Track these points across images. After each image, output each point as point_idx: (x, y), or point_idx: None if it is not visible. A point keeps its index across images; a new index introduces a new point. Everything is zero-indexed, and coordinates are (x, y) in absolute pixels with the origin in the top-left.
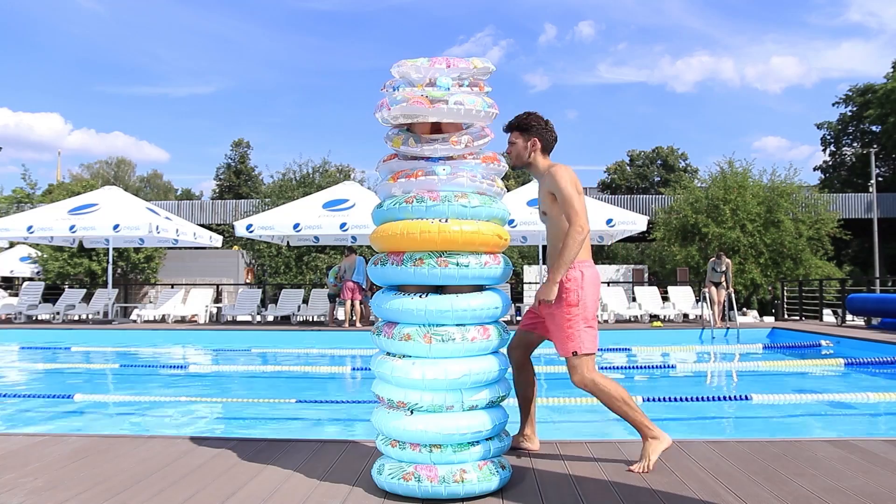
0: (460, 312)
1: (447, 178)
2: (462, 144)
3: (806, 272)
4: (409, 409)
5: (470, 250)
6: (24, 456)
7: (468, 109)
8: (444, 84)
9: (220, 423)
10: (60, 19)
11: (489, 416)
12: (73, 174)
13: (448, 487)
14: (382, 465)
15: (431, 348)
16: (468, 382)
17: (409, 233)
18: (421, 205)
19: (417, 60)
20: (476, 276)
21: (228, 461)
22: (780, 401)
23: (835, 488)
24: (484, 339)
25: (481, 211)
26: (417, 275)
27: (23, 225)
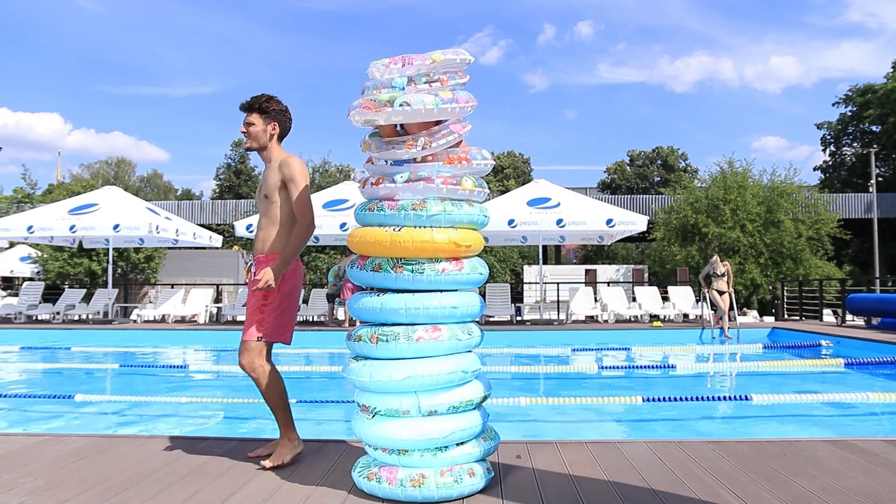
0: (413, 311)
1: (404, 186)
2: (418, 147)
3: (806, 272)
4: (371, 413)
5: (426, 257)
6: (24, 456)
7: (416, 109)
8: (398, 84)
9: (219, 423)
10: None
11: (451, 422)
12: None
13: (405, 491)
14: (358, 462)
15: (377, 348)
16: (414, 385)
17: (366, 240)
18: (380, 213)
19: (382, 60)
20: (432, 281)
21: (228, 461)
22: (780, 401)
23: (835, 488)
24: (431, 340)
25: (438, 218)
26: (377, 279)
27: (23, 225)
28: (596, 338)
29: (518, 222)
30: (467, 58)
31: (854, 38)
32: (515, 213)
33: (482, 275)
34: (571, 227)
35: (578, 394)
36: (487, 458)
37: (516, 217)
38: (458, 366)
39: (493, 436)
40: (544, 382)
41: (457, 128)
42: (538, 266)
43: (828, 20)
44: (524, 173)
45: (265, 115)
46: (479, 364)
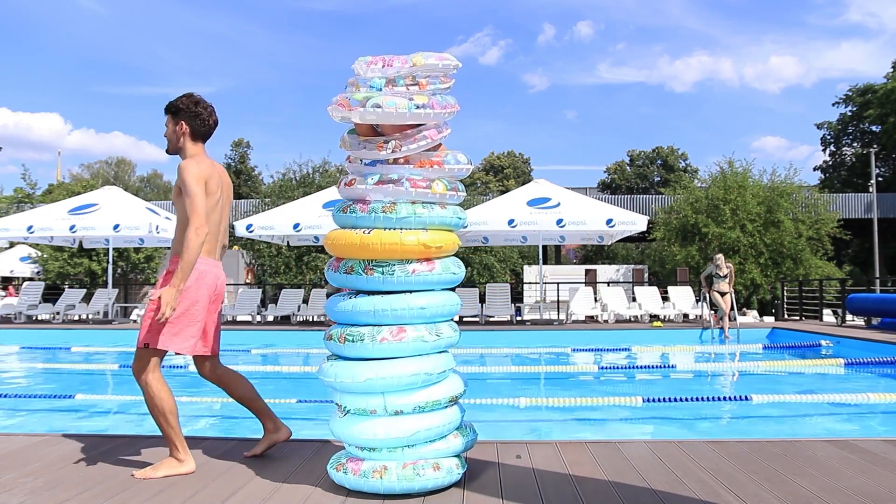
0: (380, 312)
1: (375, 187)
2: (389, 149)
3: (806, 272)
4: (343, 412)
5: (395, 258)
6: (24, 456)
7: (388, 112)
8: (376, 84)
9: (220, 423)
10: (60, 19)
11: (417, 422)
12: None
13: (367, 482)
14: (333, 453)
15: (345, 348)
16: (377, 386)
17: (339, 243)
18: (352, 215)
19: (366, 58)
20: (402, 283)
21: (228, 461)
22: (781, 401)
23: (835, 488)
24: (394, 341)
25: (408, 221)
26: (349, 281)
27: (23, 225)
28: (596, 338)
29: (518, 222)
30: (452, 63)
31: (854, 38)
32: (515, 213)
33: (455, 275)
34: (571, 227)
35: (578, 394)
36: (463, 454)
37: (516, 217)
38: (422, 368)
39: (468, 433)
40: (544, 382)
41: (431, 133)
42: (538, 266)
43: (828, 20)
44: (524, 173)
45: (175, 116)
46: (450, 364)
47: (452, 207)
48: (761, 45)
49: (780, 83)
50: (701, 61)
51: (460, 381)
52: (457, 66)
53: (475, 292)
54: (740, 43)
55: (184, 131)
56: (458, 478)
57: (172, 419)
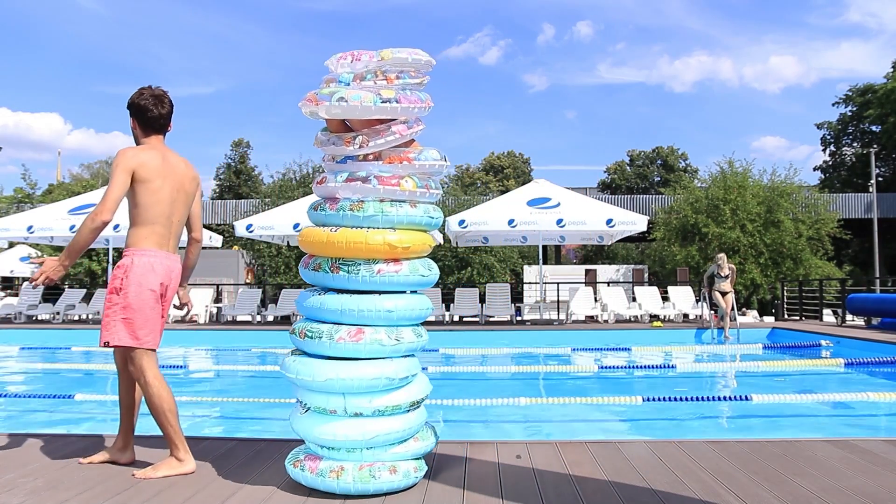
0: (346, 311)
1: (343, 185)
2: (356, 145)
3: (806, 272)
4: (304, 408)
5: (361, 257)
6: (24, 456)
7: (353, 105)
8: (344, 79)
9: (220, 423)
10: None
11: (376, 425)
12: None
13: (324, 481)
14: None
15: (303, 343)
16: (336, 387)
17: (307, 240)
18: (322, 212)
19: (337, 55)
20: (367, 282)
21: (228, 461)
22: (781, 401)
23: (835, 488)
24: (351, 342)
25: (375, 219)
26: (317, 278)
27: (23, 225)
28: (596, 338)
29: (518, 222)
30: (422, 58)
31: (854, 39)
32: (515, 213)
33: (424, 277)
34: (571, 227)
35: (578, 394)
36: (423, 457)
37: (516, 217)
38: (384, 372)
39: (428, 436)
40: (544, 382)
41: (401, 128)
42: (538, 266)
43: (828, 20)
44: (524, 173)
45: (130, 113)
46: (414, 369)
47: (424, 206)
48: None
49: (780, 83)
50: (700, 61)
51: (425, 384)
52: (429, 61)
53: (475, 292)
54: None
55: (133, 126)
56: (416, 481)
57: (172, 418)
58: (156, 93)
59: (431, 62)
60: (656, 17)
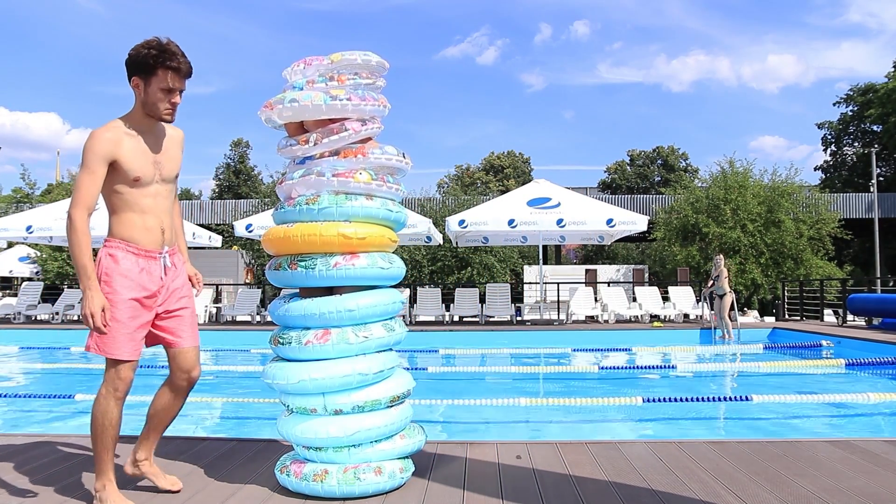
0: (309, 315)
1: (300, 181)
2: (311, 143)
3: (807, 272)
4: (288, 410)
5: (317, 251)
6: (24, 456)
7: (304, 105)
8: (298, 84)
9: (220, 423)
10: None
11: (357, 421)
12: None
13: (308, 485)
14: (280, 457)
15: (278, 350)
16: (310, 387)
17: (267, 239)
18: (282, 210)
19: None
20: (324, 277)
21: (228, 461)
22: (781, 401)
23: (835, 489)
24: (318, 344)
25: (329, 211)
26: (279, 278)
27: (22, 225)
28: (596, 338)
29: (518, 222)
30: (373, 59)
31: (854, 39)
32: (515, 213)
33: (385, 270)
34: (571, 227)
35: (578, 394)
36: (410, 456)
37: (516, 217)
38: (356, 368)
39: (415, 434)
40: (544, 382)
41: (355, 126)
42: (538, 266)
43: (828, 20)
44: (524, 173)
45: None
46: (390, 363)
47: (381, 200)
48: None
49: (779, 82)
50: (698, 60)
51: (406, 380)
52: (381, 63)
53: (475, 292)
54: (740, 43)
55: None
56: (402, 482)
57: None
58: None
59: (384, 64)
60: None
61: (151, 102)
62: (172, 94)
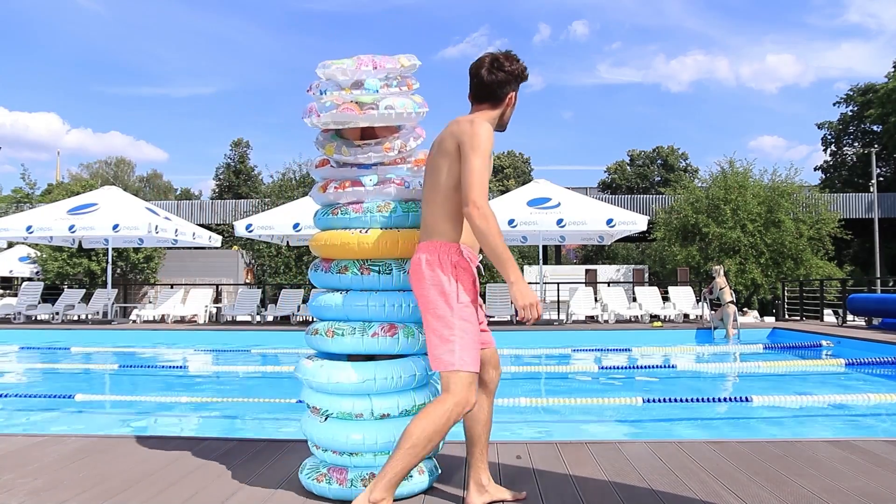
0: (375, 308)
1: (375, 190)
2: (395, 150)
3: (807, 272)
4: (322, 415)
5: (393, 257)
6: (24, 456)
7: (399, 113)
8: (372, 86)
9: (220, 423)
10: (60, 19)
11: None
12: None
13: (355, 491)
14: (304, 464)
15: (332, 342)
16: (372, 388)
17: (332, 243)
18: (345, 216)
19: (343, 62)
20: (399, 282)
21: (228, 461)
22: (781, 401)
23: (835, 489)
24: (387, 337)
25: (404, 219)
26: (343, 281)
27: (22, 225)
28: (596, 338)
29: (518, 222)
30: (417, 63)
31: (854, 39)
32: (515, 213)
33: None
34: (571, 227)
35: (578, 394)
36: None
37: (516, 217)
38: (415, 370)
39: None
40: (545, 383)
41: (420, 131)
42: (538, 266)
43: (827, 21)
44: (524, 173)
45: None
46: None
47: None
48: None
49: (778, 83)
50: (697, 60)
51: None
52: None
53: None
54: (739, 43)
55: None
56: (436, 478)
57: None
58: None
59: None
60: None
61: (510, 115)
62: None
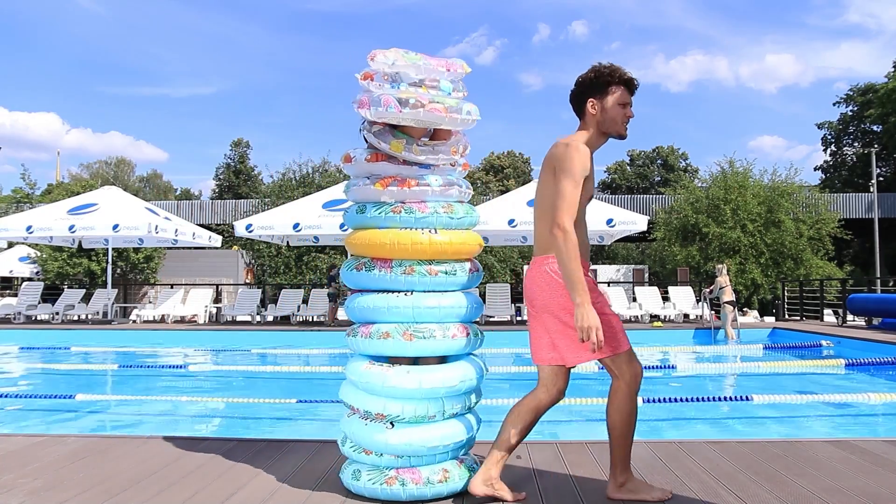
0: (448, 310)
1: (440, 191)
2: (459, 153)
3: (807, 272)
4: (389, 422)
5: (456, 259)
6: (24, 456)
7: (475, 119)
8: (446, 88)
9: (220, 423)
10: (60, 19)
11: (468, 422)
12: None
13: (433, 488)
14: (358, 472)
15: (410, 345)
16: (442, 390)
17: (400, 243)
18: (410, 216)
19: (411, 55)
20: (462, 282)
21: (228, 461)
22: (781, 401)
23: (835, 489)
24: (463, 337)
25: (465, 221)
26: (408, 282)
27: (22, 225)
28: None
29: (518, 222)
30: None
31: (853, 39)
32: (515, 213)
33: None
34: None
35: (578, 394)
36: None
37: (516, 217)
38: (482, 368)
39: None
40: None
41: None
42: None
43: (827, 21)
44: (524, 173)
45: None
46: None
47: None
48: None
49: (777, 83)
50: (696, 61)
51: None
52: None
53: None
54: (739, 43)
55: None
56: None
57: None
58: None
59: None
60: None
61: (611, 118)
62: (627, 107)
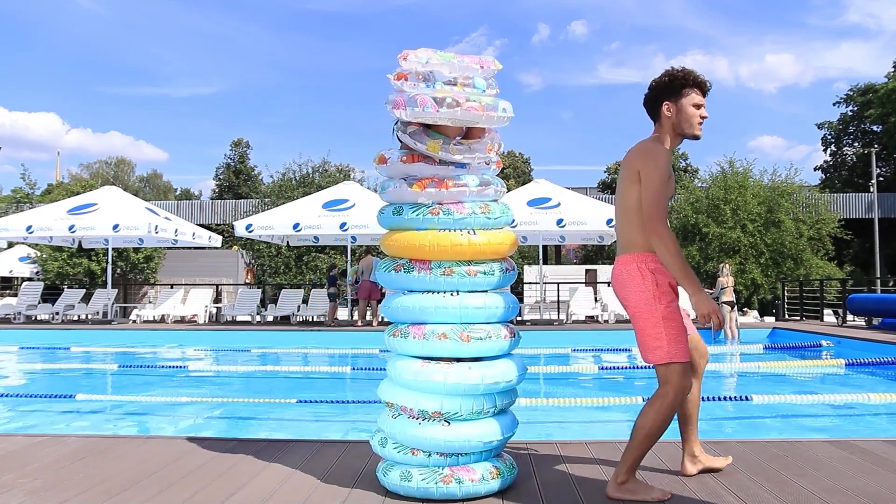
0: (492, 310)
1: (477, 191)
2: (495, 151)
3: (807, 272)
4: (444, 420)
5: (498, 259)
6: (24, 456)
7: (509, 116)
8: (480, 86)
9: (220, 423)
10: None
11: (513, 417)
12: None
13: (487, 484)
14: (408, 472)
15: (469, 346)
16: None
17: (440, 245)
18: (448, 217)
19: (444, 54)
20: (500, 282)
21: (228, 461)
22: (781, 401)
23: (835, 489)
24: (511, 337)
25: (501, 220)
26: (448, 283)
27: (22, 225)
28: (596, 338)
29: (518, 222)
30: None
31: (853, 39)
32: (515, 213)
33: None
34: (572, 227)
35: (579, 394)
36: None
37: (516, 217)
38: (524, 365)
39: None
40: (544, 383)
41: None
42: (538, 266)
43: (827, 21)
44: (524, 173)
45: None
46: None
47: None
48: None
49: (777, 83)
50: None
51: None
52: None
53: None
54: (738, 43)
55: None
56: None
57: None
58: None
59: None
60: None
61: (686, 120)
62: (701, 108)
